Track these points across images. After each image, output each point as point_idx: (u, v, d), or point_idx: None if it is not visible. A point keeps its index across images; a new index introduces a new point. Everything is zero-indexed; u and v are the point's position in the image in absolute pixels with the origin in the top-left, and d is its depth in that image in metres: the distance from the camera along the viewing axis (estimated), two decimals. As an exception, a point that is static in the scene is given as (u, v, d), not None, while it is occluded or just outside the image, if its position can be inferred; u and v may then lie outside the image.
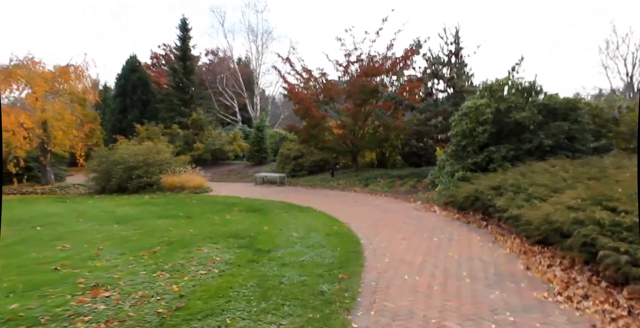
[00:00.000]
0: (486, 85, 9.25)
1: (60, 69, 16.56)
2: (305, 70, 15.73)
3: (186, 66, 26.64)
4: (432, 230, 6.65)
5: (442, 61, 12.69)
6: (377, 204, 9.72)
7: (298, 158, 16.70)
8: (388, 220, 7.53)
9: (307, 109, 14.45)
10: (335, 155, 16.37)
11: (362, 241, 5.86)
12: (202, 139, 22.69)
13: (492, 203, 6.56)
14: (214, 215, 7.90)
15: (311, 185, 14.59)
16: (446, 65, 12.69)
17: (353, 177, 14.26)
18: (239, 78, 34.41)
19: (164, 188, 13.45)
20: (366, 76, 14.25)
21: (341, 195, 11.88)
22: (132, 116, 25.56)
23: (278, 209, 8.82)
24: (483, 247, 5.48)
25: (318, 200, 10.75)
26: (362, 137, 15.21)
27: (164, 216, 7.80)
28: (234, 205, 9.53)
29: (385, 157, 17.25)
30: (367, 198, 10.98)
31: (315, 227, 6.74)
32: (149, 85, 27.19)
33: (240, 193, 12.74)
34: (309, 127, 14.98)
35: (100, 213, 8.41)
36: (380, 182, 12.76)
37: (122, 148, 14.12)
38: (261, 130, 20.60)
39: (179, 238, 5.73)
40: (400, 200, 10.31)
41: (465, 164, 8.76)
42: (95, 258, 4.61)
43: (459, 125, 9.14)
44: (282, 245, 5.39)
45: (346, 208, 9.21)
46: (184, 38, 26.67)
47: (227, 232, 6.16)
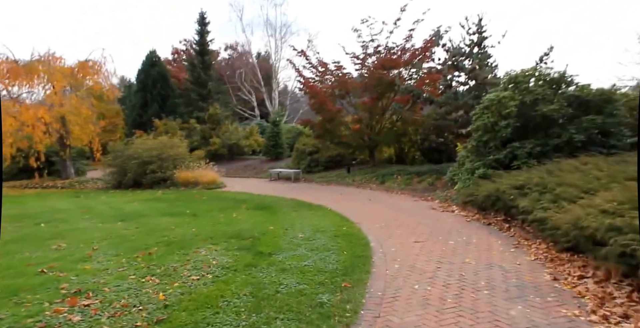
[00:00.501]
0: (510, 77, 8.63)
1: (80, 64, 16.74)
2: (321, 64, 15.30)
3: (204, 61, 26.64)
4: (449, 232, 6.19)
5: (464, 52, 12.02)
6: (392, 202, 9.28)
7: (314, 153, 16.35)
8: (402, 221, 7.10)
9: (322, 102, 14.05)
10: (351, 150, 15.93)
11: (372, 244, 5.47)
12: (219, 134, 22.63)
13: (515, 204, 6.03)
14: (220, 213, 7.66)
15: (326, 181, 14.23)
16: (468, 56, 12.02)
17: (369, 173, 13.81)
18: (258, 72, 34.26)
19: (177, 183, 13.38)
20: (383, 69, 13.71)
21: (356, 192, 11.47)
22: (151, 111, 25.73)
23: (287, 207, 8.51)
24: (504, 253, 5.00)
25: (331, 197, 10.39)
26: (379, 132, 14.71)
27: (170, 213, 7.61)
28: (244, 202, 9.28)
29: (403, 153, 16.69)
30: (383, 195, 10.54)
31: (323, 227, 6.38)
32: (168, 80, 27.31)
33: (253, 189, 12.51)
34: (324, 122, 14.59)
35: (108, 209, 8.32)
36: (397, 179, 12.27)
37: (137, 143, 14.11)
38: (277, 124, 20.33)
39: (179, 238, 5.50)
40: (417, 198, 9.83)
41: (486, 161, 8.21)
42: (86, 260, 4.40)
43: (480, 119, 8.57)
44: (285, 248, 5.06)
45: (359, 206, 8.82)
46: (202, 32, 26.62)
47: (230, 232, 5.88)
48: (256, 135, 22.80)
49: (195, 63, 26.52)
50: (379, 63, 13.81)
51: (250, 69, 35.14)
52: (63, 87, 15.10)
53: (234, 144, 21.87)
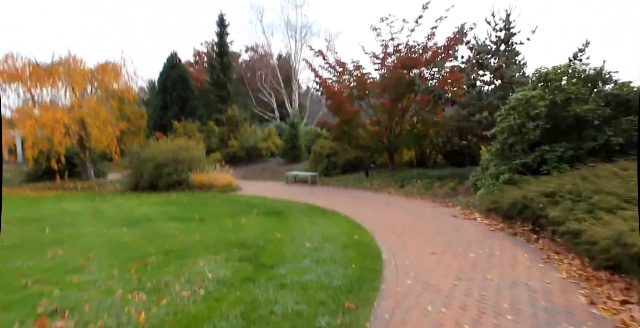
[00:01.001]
0: (540, 74, 8.03)
1: (100, 66, 17.01)
2: (338, 63, 14.95)
3: (223, 62, 26.77)
4: (470, 242, 5.71)
5: (489, 49, 11.41)
6: (410, 209, 8.81)
7: (331, 156, 15.99)
8: (419, 229, 6.65)
9: (339, 104, 13.69)
10: (370, 153, 15.48)
11: (384, 255, 5.07)
12: (237, 136, 22.60)
13: (545, 213, 5.50)
14: (229, 219, 7.41)
15: (343, 185, 13.85)
16: (494, 54, 11.40)
17: (388, 177, 13.34)
18: (278, 74, 34.23)
19: (193, 186, 13.29)
20: (403, 68, 13.22)
21: (373, 197, 11.03)
22: (171, 113, 26.02)
23: (299, 213, 8.18)
24: (531, 269, 4.50)
25: (346, 202, 10.00)
26: (398, 134, 14.22)
27: (178, 218, 7.42)
28: (255, 207, 9.02)
29: (425, 156, 16.12)
30: (401, 201, 10.07)
31: (334, 235, 6.02)
32: (188, 82, 27.57)
33: (268, 193, 12.27)
34: (341, 124, 14.23)
35: (118, 213, 8.22)
36: (417, 183, 11.76)
37: (153, 145, 14.14)
38: (295, 126, 20.10)
39: (180, 246, 5.25)
40: (437, 204, 9.31)
41: (512, 165, 7.64)
42: (77, 271, 4.20)
43: (505, 120, 8.01)
44: (289, 259, 4.72)
45: (374, 212, 8.40)
46: (221, 34, 26.79)
47: (235, 240, 5.60)
48: (274, 137, 22.65)
49: (215, 64, 26.69)
50: (399, 62, 13.34)
51: (271, 71, 35.14)
52: (82, 89, 15.33)
53: (251, 147, 21.78)
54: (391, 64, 13.91)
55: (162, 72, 27.91)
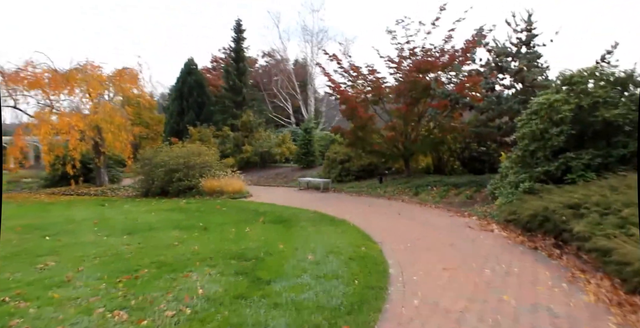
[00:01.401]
0: (564, 77, 7.56)
1: (117, 72, 17.24)
2: (352, 68, 14.67)
3: (239, 68, 26.82)
4: (486, 257, 5.30)
5: (509, 52, 10.93)
6: (424, 218, 8.40)
7: (345, 162, 15.68)
8: (431, 241, 6.26)
9: (353, 109, 13.40)
10: (384, 159, 15.10)
11: (391, 270, 4.72)
12: (252, 141, 22.54)
13: (569, 227, 5.06)
14: (233, 227, 7.18)
15: (356, 191, 13.50)
16: (514, 56, 10.91)
17: (403, 184, 12.93)
18: (294, 79, 34.23)
19: (203, 192, 13.19)
20: (418, 72, 12.85)
21: (385, 205, 10.66)
22: (188, 118, 26.20)
23: (306, 221, 7.89)
24: (554, 289, 4.08)
25: (357, 210, 9.67)
26: (414, 140, 13.80)
27: (181, 227, 7.24)
28: (263, 215, 8.79)
29: (442, 162, 15.63)
30: (414, 209, 9.66)
31: (339, 247, 5.70)
32: (204, 87, 27.75)
33: (278, 199, 12.04)
34: (355, 129, 13.92)
35: (122, 220, 8.12)
36: (433, 191, 11.32)
37: (165, 150, 14.14)
38: (309, 132, 19.88)
39: (176, 258, 5.03)
40: (452, 213, 8.87)
41: (533, 173, 7.18)
42: (62, 285, 4.01)
43: (526, 125, 7.57)
44: (288, 273, 4.44)
45: (385, 222, 8.04)
46: (237, 39, 26.87)
47: (234, 251, 5.35)
48: (289, 142, 22.48)
49: (230, 70, 26.78)
50: (414, 66, 12.97)
51: (287, 76, 35.19)
52: (99, 94, 15.53)
53: (265, 152, 21.67)
54: (407, 68, 13.57)
55: (179, 77, 28.21)
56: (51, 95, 15.33)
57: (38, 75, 14.70)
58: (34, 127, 13.70)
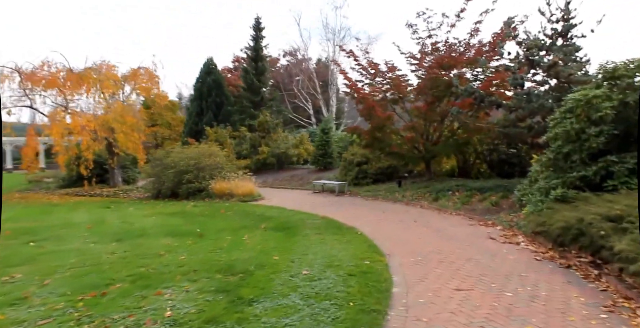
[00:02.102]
0: (606, 70, 6.77)
1: (132, 71, 17.35)
2: (370, 65, 14.10)
3: (257, 67, 26.69)
4: (508, 275, 4.66)
5: (542, 44, 10.09)
6: (442, 226, 7.76)
7: (362, 164, 15.11)
8: (447, 254, 5.66)
9: (370, 108, 12.85)
10: (404, 161, 14.45)
11: (395, 290, 4.18)
12: (269, 142, 22.29)
13: (609, 244, 4.36)
14: (231, 234, 6.80)
15: (373, 195, 12.92)
16: (548, 49, 10.07)
17: (423, 188, 12.26)
18: (315, 78, 33.88)
19: (213, 194, 12.95)
20: (441, 68, 12.17)
21: (402, 210, 10.04)
22: (206, 119, 26.23)
23: (312, 229, 7.42)
24: (590, 320, 3.43)
25: (370, 217, 9.12)
26: (435, 141, 13.10)
27: (177, 233, 6.92)
28: (267, 220, 8.39)
29: (467, 165, 14.81)
30: (433, 216, 9.02)
31: (341, 259, 5.19)
32: (223, 87, 27.75)
33: (289, 203, 11.64)
34: (373, 129, 13.35)
35: (118, 225, 7.89)
36: (454, 196, 10.61)
37: (176, 151, 14.02)
38: (327, 132, 19.43)
39: (157, 270, 4.65)
40: (473, 221, 8.18)
41: (566, 178, 6.44)
42: (17, 303, 3.65)
43: (560, 125, 6.84)
44: (275, 292, 3.97)
45: (398, 230, 7.46)
46: (256, 38, 26.75)
47: (223, 263, 4.94)
48: (307, 143, 22.10)
49: (249, 69, 26.68)
50: (436, 62, 12.30)
51: (308, 75, 34.89)
52: (112, 94, 15.62)
53: (282, 153, 21.35)
54: (429, 64, 12.89)
55: (198, 77, 28.35)
56: (67, 95, 15.52)
57: (54, 74, 14.89)
58: (45, 127, 13.86)
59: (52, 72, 14.94)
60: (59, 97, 15.17)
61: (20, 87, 14.64)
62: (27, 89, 14.69)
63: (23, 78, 14.51)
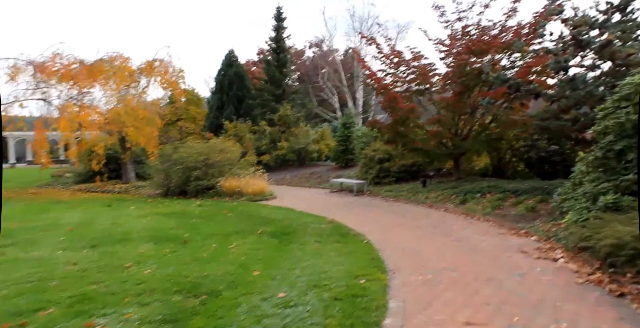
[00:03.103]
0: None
1: (148, 63, 17.19)
2: (393, 52, 13.13)
3: (279, 58, 26.09)
4: (538, 306, 3.76)
5: (594, 21, 8.83)
6: (465, 235, 6.83)
7: (384, 161, 14.19)
8: (464, 272, 4.78)
9: (391, 99, 11.92)
10: (430, 159, 13.42)
11: (387, 321, 3.40)
12: (289, 138, 21.70)
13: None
14: (218, 241, 6.18)
15: (394, 196, 12.02)
16: (600, 27, 8.79)
17: (450, 189, 11.23)
18: (340, 70, 33.00)
19: (222, 193, 12.48)
20: (471, 54, 11.05)
21: (422, 214, 9.13)
22: (227, 113, 25.92)
23: (313, 235, 6.69)
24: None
25: (384, 221, 8.30)
26: (465, 136, 12.01)
27: (160, 238, 6.37)
28: (268, 224, 7.74)
29: (502, 163, 13.59)
30: (457, 222, 8.07)
31: (332, 277, 4.44)
32: (244, 80, 27.34)
33: (301, 203, 10.97)
34: (395, 123, 12.41)
35: (103, 228, 7.43)
36: (484, 199, 9.57)
37: (187, 145, 13.66)
38: (348, 127, 18.59)
39: (107, 289, 4.03)
40: (504, 230, 7.17)
41: (619, 182, 5.40)
42: None
43: (612, 116, 5.78)
44: (233, 324, 3.28)
45: (412, 239, 6.60)
46: (278, 28, 26.12)
47: (190, 280, 4.29)
48: (328, 139, 21.34)
49: (270, 61, 26.14)
50: (465, 47, 11.19)
51: (334, 67, 34.06)
52: (126, 87, 15.49)
53: (302, 149, 20.70)
54: (457, 50, 11.78)
55: (219, 70, 28.10)
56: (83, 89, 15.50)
57: (67, 66, 14.87)
58: (53, 121, 13.86)
59: (65, 64, 14.91)
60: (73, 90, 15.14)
61: (35, 79, 14.69)
62: (42, 82, 14.73)
63: (37, 71, 14.55)
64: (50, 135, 16.29)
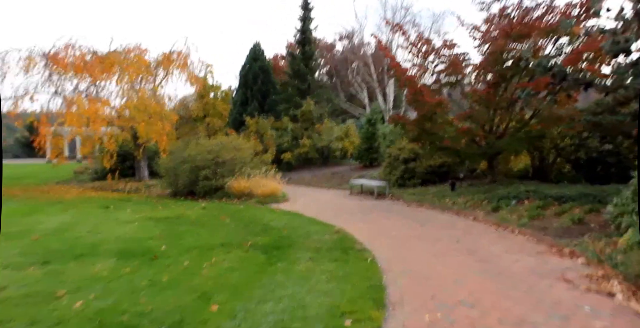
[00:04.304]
0: None
1: (165, 55, 16.87)
2: (421, 39, 11.98)
3: (305, 51, 25.25)
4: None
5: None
6: (493, 253, 5.75)
7: (409, 161, 13.09)
8: (484, 310, 3.77)
9: (416, 92, 10.84)
10: (460, 159, 12.21)
11: None
12: (312, 134, 20.88)
13: None
14: (193, 258, 5.36)
15: (418, 200, 10.95)
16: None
17: (482, 193, 10.06)
18: (370, 63, 31.79)
19: (231, 194, 11.85)
20: (509, 38, 9.79)
21: (447, 223, 8.06)
22: (251, 108, 25.37)
23: (310, 250, 5.83)
24: None
25: (400, 232, 7.31)
26: (500, 134, 10.74)
27: (130, 252, 5.60)
28: (264, 233, 6.96)
29: (545, 165, 12.18)
30: (485, 235, 6.95)
31: (309, 315, 3.57)
32: (269, 74, 26.65)
33: (313, 208, 10.16)
34: (421, 119, 11.31)
35: (79, 235, 6.76)
36: (521, 206, 8.37)
37: (198, 142, 13.14)
38: (373, 123, 17.55)
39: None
40: (543, 247, 6.02)
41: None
42: None
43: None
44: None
45: (428, 257, 5.60)
46: (304, 18, 25.23)
47: (125, 319, 3.47)
48: (353, 136, 20.34)
49: (295, 54, 25.37)
50: (503, 31, 9.93)
51: (364, 61, 32.88)
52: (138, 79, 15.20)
53: (324, 147, 19.81)
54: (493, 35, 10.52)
55: (244, 64, 27.59)
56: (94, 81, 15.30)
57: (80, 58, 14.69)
58: (60, 115, 13.68)
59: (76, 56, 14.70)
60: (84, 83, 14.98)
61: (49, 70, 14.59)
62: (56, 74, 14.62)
63: (51, 63, 14.45)
64: (66, 131, 16.17)
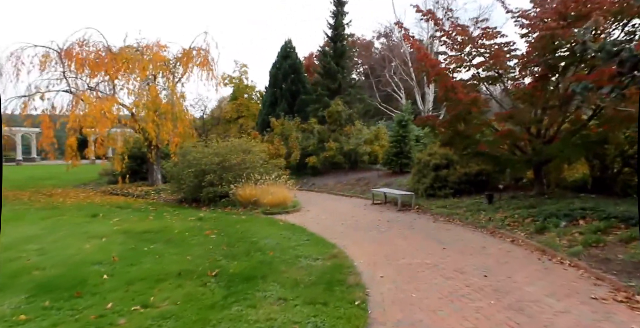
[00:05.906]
0: None
1: (185, 52, 16.47)
2: (456, 29, 10.54)
3: (336, 48, 24.13)
4: None
5: None
6: (529, 298, 4.35)
7: (441, 168, 11.64)
8: None
9: (447, 88, 9.48)
10: (500, 167, 10.65)
11: None
12: (339, 137, 19.72)
13: None
14: (126, 296, 4.28)
15: (447, 214, 9.54)
16: None
17: (524, 209, 8.52)
18: (408, 61, 30.21)
19: (237, 202, 10.96)
20: (563, 20, 8.23)
21: (477, 247, 6.65)
22: (280, 109, 24.56)
23: (287, 284, 4.69)
24: None
25: (414, 258, 6.02)
26: (550, 138, 9.14)
27: (52, 286, 4.41)
28: (244, 257, 5.92)
29: (607, 175, 10.34)
30: (523, 267, 5.51)
31: None
32: (300, 73, 25.72)
33: (323, 221, 9.10)
34: (453, 120, 9.91)
35: (20, 256, 5.90)
36: (574, 228, 6.81)
37: (201, 146, 12.41)
38: (404, 125, 16.13)
39: None
40: (604, 289, 4.53)
41: None
42: None
43: None
44: None
45: (438, 302, 4.30)
46: (337, 13, 24.11)
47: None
48: (384, 139, 19.00)
49: (326, 51, 24.29)
50: (555, 11, 8.39)
51: (402, 59, 31.36)
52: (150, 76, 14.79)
53: (351, 150, 18.58)
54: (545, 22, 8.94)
55: (274, 62, 26.87)
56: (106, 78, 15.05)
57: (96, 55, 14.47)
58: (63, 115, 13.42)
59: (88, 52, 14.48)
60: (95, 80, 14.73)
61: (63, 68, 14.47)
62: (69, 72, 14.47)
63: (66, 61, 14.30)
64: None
